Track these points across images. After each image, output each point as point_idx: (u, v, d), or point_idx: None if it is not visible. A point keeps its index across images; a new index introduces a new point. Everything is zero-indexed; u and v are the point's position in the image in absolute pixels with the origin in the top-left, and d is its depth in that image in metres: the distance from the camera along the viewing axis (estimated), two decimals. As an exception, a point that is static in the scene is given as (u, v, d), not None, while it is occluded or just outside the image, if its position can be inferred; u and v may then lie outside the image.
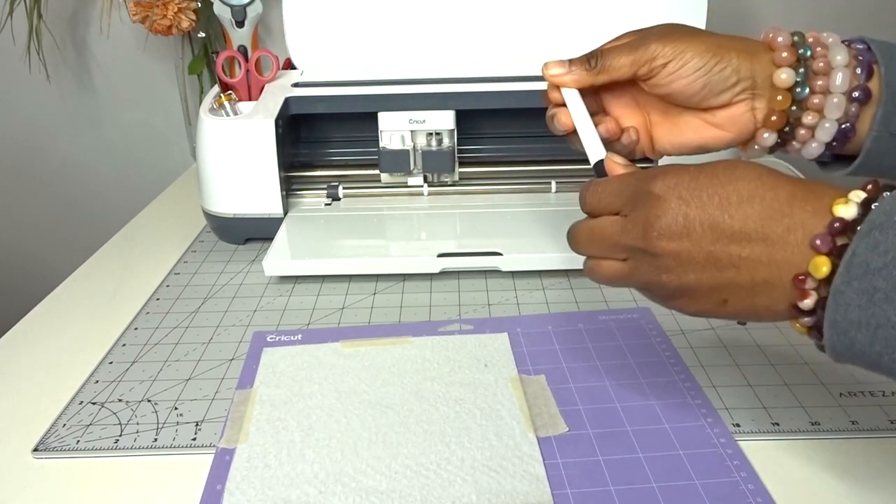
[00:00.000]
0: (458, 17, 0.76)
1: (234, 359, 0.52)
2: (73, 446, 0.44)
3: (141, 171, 1.12)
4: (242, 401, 0.47)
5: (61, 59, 1.04)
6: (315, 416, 0.45)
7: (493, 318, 0.56)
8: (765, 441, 0.43)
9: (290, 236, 0.66)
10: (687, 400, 0.46)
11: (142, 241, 0.74)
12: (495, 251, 0.61)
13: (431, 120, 0.69)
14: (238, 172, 0.66)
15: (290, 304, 0.60)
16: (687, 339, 0.53)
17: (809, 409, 0.45)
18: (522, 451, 0.42)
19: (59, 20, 1.01)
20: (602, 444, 0.42)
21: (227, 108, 0.70)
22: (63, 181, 1.14)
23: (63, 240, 1.18)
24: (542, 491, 0.39)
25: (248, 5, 0.80)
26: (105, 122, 1.09)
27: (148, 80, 1.05)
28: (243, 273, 0.65)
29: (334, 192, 0.72)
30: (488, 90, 0.69)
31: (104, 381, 0.50)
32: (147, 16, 0.88)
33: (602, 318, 0.56)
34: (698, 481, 0.39)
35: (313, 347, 0.53)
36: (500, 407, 0.45)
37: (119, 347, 0.54)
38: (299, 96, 0.70)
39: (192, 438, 0.44)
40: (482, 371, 0.49)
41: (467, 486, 0.39)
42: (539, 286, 0.61)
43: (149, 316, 0.59)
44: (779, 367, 0.49)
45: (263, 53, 0.75)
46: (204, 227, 0.75)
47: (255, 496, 0.39)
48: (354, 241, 0.65)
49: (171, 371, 0.51)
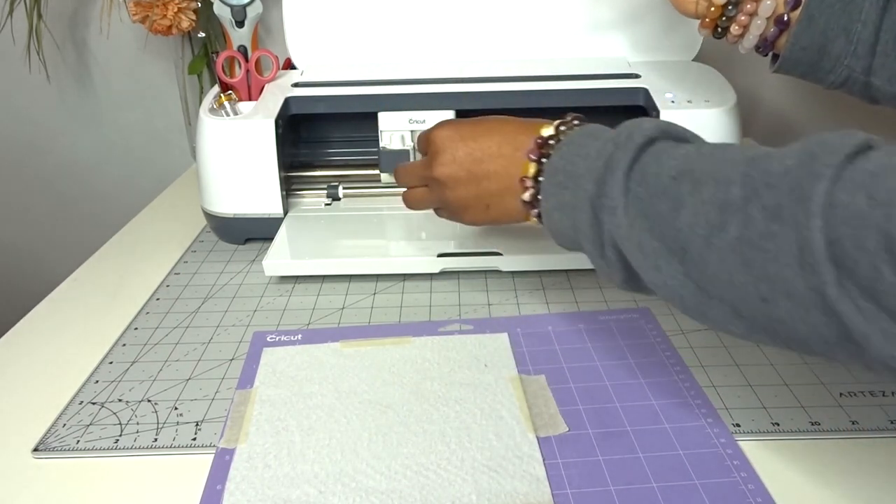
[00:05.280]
0: (458, 17, 0.76)
1: (234, 359, 0.52)
2: (73, 446, 0.44)
3: (141, 171, 1.12)
4: (242, 401, 0.47)
5: (61, 59, 1.04)
6: (315, 416, 0.45)
7: (493, 318, 0.56)
8: (765, 441, 0.43)
9: (290, 236, 0.66)
10: (687, 400, 0.46)
11: (142, 241, 0.74)
12: (495, 251, 0.61)
13: (431, 120, 0.69)
14: (238, 172, 0.66)
15: (290, 304, 0.60)
16: (687, 339, 0.53)
17: (809, 409, 0.45)
18: (522, 452, 0.42)
19: (59, 20, 1.01)
20: (602, 444, 0.42)
21: (227, 108, 0.70)
22: (63, 181, 1.14)
23: (63, 240, 1.18)
24: (542, 491, 0.39)
25: (248, 5, 0.80)
26: (105, 122, 1.09)
27: (148, 80, 1.05)
28: (243, 273, 0.65)
29: (334, 192, 0.72)
30: (488, 90, 0.69)
31: (104, 381, 0.50)
32: (147, 16, 0.88)
33: (602, 318, 0.56)
34: (698, 481, 0.39)
35: (313, 347, 0.53)
36: (500, 407, 0.45)
37: (119, 347, 0.54)
38: (299, 96, 0.70)
39: (192, 438, 0.44)
40: (482, 371, 0.49)
41: (467, 486, 0.39)
42: (539, 286, 0.61)
43: (149, 316, 0.59)
44: (779, 367, 0.49)
45: (263, 53, 0.75)
46: (204, 227, 0.74)
47: (255, 496, 0.39)
48: (354, 241, 0.65)
49: (171, 371, 0.51)
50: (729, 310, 0.35)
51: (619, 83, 0.68)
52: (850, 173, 0.30)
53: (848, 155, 0.30)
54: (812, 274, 0.30)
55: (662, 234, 0.37)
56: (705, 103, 0.64)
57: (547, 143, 0.45)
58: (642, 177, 0.39)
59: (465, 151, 0.49)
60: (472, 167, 0.49)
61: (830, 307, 0.30)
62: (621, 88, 0.68)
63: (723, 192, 0.34)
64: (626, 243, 0.39)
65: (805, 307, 0.31)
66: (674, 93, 0.65)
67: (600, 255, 0.42)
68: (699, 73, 0.72)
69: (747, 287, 0.33)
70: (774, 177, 0.32)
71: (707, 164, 0.36)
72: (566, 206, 0.42)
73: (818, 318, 0.31)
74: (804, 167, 0.31)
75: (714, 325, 0.37)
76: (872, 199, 0.28)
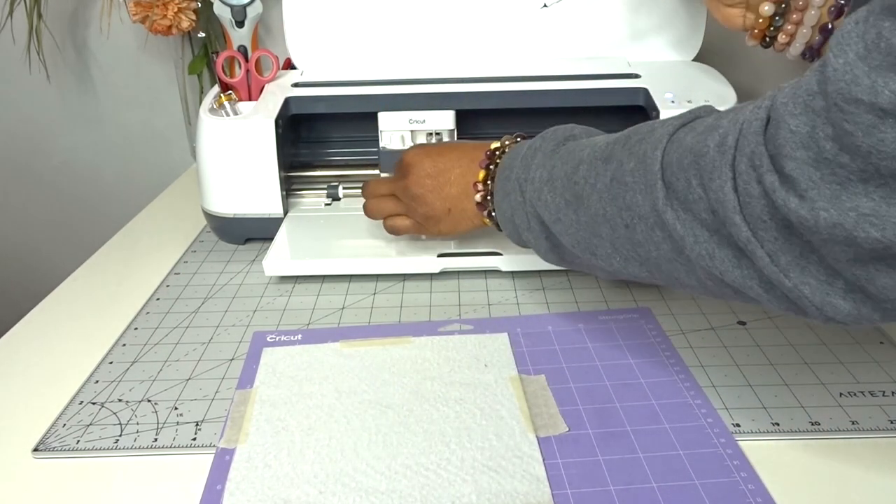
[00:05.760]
0: (458, 17, 0.76)
1: (234, 359, 0.52)
2: (73, 446, 0.44)
3: (141, 171, 1.12)
4: (242, 401, 0.47)
5: (61, 59, 1.04)
6: (315, 416, 0.45)
7: (493, 318, 0.56)
8: (765, 441, 0.43)
9: (290, 236, 0.66)
10: (687, 400, 0.46)
11: (142, 241, 0.74)
12: (495, 251, 0.61)
13: (431, 120, 0.69)
14: (238, 172, 0.66)
15: (290, 304, 0.60)
16: (687, 339, 0.53)
17: (809, 409, 0.45)
18: (522, 451, 0.42)
19: (59, 20, 1.01)
20: (602, 444, 0.42)
21: (227, 108, 0.70)
22: (63, 181, 1.14)
23: (63, 240, 1.18)
24: (542, 491, 0.39)
25: (248, 5, 0.80)
26: (105, 121, 1.09)
27: (148, 80, 1.05)
28: (243, 273, 0.65)
29: (334, 192, 0.72)
30: (488, 90, 0.69)
31: (104, 381, 0.50)
32: (147, 16, 0.88)
33: (602, 318, 0.56)
34: (698, 481, 0.39)
35: (313, 347, 0.53)
36: (500, 407, 0.45)
37: (119, 347, 0.54)
38: (299, 96, 0.70)
39: (192, 438, 0.44)
40: (482, 371, 0.49)
41: (467, 486, 0.39)
42: (539, 286, 0.61)
43: (149, 316, 0.59)
44: (779, 367, 0.49)
45: (263, 53, 0.75)
46: (204, 227, 0.74)
47: (255, 496, 0.39)
48: (354, 241, 0.65)
49: (171, 371, 0.51)
50: (609, 245, 0.43)
51: (619, 83, 0.68)
52: (691, 123, 0.39)
53: (693, 111, 0.41)
54: (651, 194, 0.39)
55: (563, 189, 0.46)
56: (705, 103, 0.64)
57: (495, 153, 0.54)
58: (558, 155, 0.48)
59: (431, 164, 0.57)
60: (437, 176, 0.57)
61: (662, 220, 0.38)
62: (621, 88, 0.68)
63: (609, 148, 0.44)
64: (539, 204, 0.48)
65: (651, 226, 0.39)
66: (674, 93, 0.65)
67: (528, 228, 0.50)
68: (699, 73, 0.72)
69: (616, 218, 0.42)
70: (643, 131, 0.42)
71: (605, 137, 0.47)
72: (506, 194, 0.51)
73: (659, 235, 0.39)
74: (665, 122, 0.41)
75: (603, 262, 0.45)
76: (693, 131, 0.38)
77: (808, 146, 0.30)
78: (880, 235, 0.28)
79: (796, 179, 0.31)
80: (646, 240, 0.40)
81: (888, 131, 0.27)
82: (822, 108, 0.29)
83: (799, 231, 0.32)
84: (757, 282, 0.35)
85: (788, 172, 0.31)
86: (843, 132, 0.28)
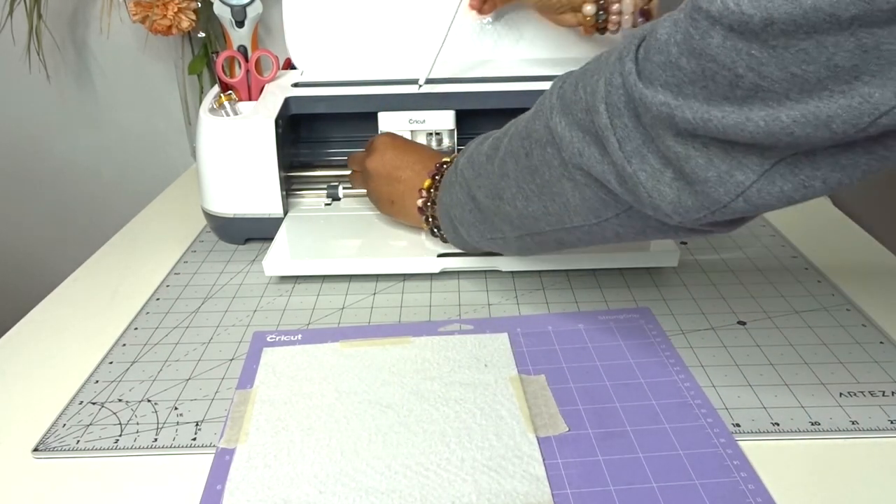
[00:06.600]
0: (458, 17, 0.76)
1: (234, 359, 0.52)
2: (73, 446, 0.44)
3: (141, 171, 1.12)
4: (242, 401, 0.47)
5: (61, 59, 1.04)
6: (315, 415, 0.45)
7: (493, 318, 0.56)
8: (765, 441, 0.43)
9: (290, 236, 0.66)
10: (687, 400, 0.46)
11: (142, 241, 0.74)
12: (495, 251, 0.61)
13: (431, 120, 0.69)
14: (238, 172, 0.66)
15: (290, 304, 0.60)
16: (687, 339, 0.53)
17: (809, 409, 0.45)
18: (522, 451, 0.42)
19: (59, 20, 1.01)
20: (602, 444, 0.42)
21: (227, 108, 0.70)
22: (63, 181, 1.14)
23: (63, 240, 1.18)
24: (542, 491, 0.39)
25: (248, 5, 0.80)
26: (105, 122, 1.09)
27: (148, 80, 1.05)
28: (243, 273, 0.65)
29: (334, 192, 0.72)
30: (488, 90, 0.69)
31: (104, 381, 0.50)
32: (147, 16, 0.88)
33: (602, 318, 0.56)
34: (698, 481, 0.39)
35: (313, 347, 0.53)
36: (500, 407, 0.45)
37: (119, 347, 0.54)
38: (299, 96, 0.70)
39: (192, 438, 0.44)
40: (482, 371, 0.49)
41: (467, 486, 0.39)
42: (539, 286, 0.61)
43: (149, 316, 0.59)
44: (779, 367, 0.49)
45: (263, 53, 0.75)
46: (204, 227, 0.74)
47: (255, 496, 0.39)
48: (354, 241, 0.65)
49: (171, 371, 0.51)
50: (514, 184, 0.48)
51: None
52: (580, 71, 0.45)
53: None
54: (545, 115, 0.44)
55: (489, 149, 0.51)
56: None
57: (443, 164, 0.59)
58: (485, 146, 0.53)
59: (391, 156, 0.63)
60: (391, 170, 0.62)
61: (551, 133, 0.44)
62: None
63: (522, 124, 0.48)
64: (467, 169, 0.53)
65: (543, 145, 0.45)
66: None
67: (458, 203, 0.54)
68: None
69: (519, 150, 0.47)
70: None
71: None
72: (449, 185, 0.56)
73: (549, 152, 0.44)
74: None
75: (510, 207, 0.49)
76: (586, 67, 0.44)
77: (662, 51, 0.35)
78: (691, 117, 0.35)
79: (648, 75, 0.37)
80: (540, 162, 0.45)
81: (715, 36, 0.32)
82: (681, 18, 0.35)
83: (643, 120, 0.38)
84: (614, 176, 0.40)
85: (642, 69, 0.37)
86: (687, 35, 0.34)
